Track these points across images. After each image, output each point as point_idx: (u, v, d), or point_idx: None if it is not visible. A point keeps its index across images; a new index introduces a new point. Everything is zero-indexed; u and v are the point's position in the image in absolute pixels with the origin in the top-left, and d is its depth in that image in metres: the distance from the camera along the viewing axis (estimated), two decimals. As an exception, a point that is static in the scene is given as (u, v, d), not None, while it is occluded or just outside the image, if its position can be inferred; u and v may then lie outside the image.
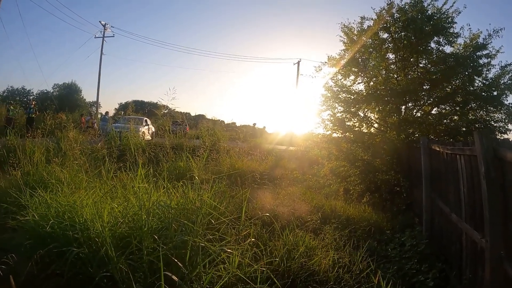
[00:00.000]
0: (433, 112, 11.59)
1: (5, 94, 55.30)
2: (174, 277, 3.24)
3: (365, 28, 12.10)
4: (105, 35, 45.65)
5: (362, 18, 12.12)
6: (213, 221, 4.48)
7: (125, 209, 4.56)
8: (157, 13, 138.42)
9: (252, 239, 4.38)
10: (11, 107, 24.89)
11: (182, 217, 4.42)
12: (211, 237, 4.21)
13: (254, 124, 33.42)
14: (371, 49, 11.97)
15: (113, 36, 47.26)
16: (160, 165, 8.80)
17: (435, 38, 11.26)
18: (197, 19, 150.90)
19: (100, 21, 46.33)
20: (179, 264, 3.58)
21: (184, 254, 3.82)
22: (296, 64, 48.84)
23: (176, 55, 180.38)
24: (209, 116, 50.65)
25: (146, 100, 76.59)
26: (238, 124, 47.13)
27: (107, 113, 30.65)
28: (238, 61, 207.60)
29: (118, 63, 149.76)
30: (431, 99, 11.49)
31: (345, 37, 12.61)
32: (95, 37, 46.18)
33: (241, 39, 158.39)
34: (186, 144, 12.28)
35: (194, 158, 8.82)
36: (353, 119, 12.24)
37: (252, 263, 4.00)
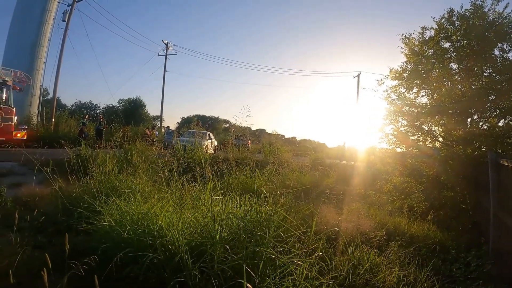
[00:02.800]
0: (500, 124, 11.05)
1: (73, 108, 58.16)
2: (249, 286, 3.35)
3: (426, 38, 11.89)
4: (167, 53, 47.57)
5: (423, 28, 11.96)
6: (282, 234, 4.59)
7: (198, 219, 4.77)
8: (216, 31, 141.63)
9: (320, 253, 4.44)
10: (85, 120, 26.42)
11: (252, 228, 4.56)
12: (280, 249, 4.31)
13: (314, 139, 33.38)
14: (433, 60, 11.71)
15: (175, 54, 49.03)
16: (224, 178, 9.03)
17: (499, 45, 10.87)
18: (256, 36, 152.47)
19: (162, 40, 48.10)
20: (252, 273, 3.71)
21: (254, 265, 3.94)
22: (356, 77, 48.06)
23: (236, 71, 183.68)
24: (269, 131, 50.86)
25: (207, 114, 78.59)
26: (298, 139, 47.04)
27: (168, 127, 31.77)
28: (297, 76, 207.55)
29: (180, 79, 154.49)
30: (498, 110, 10.97)
31: (406, 48, 12.42)
32: (158, 55, 48.38)
33: (300, 54, 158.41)
34: (249, 158, 12.48)
35: (258, 172, 8.98)
36: (417, 133, 12.00)
37: (319, 277, 4.06)
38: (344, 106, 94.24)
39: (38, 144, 9.45)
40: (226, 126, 77.32)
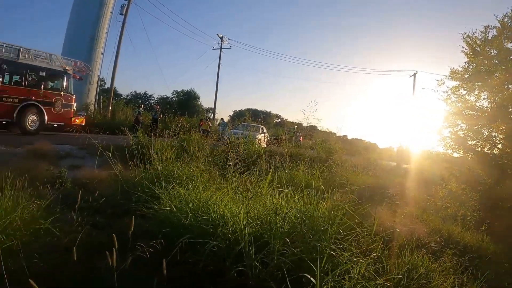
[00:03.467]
0: None
1: (128, 97, 59.69)
2: (313, 279, 3.34)
3: (489, 37, 11.40)
4: (222, 47, 48.05)
5: (486, 27, 11.45)
6: (341, 231, 4.54)
7: (258, 210, 4.80)
8: (271, 26, 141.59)
9: (377, 254, 4.37)
10: (140, 109, 27.31)
11: (313, 223, 4.55)
12: (340, 246, 4.26)
13: (365, 139, 32.82)
14: (496, 61, 11.25)
15: (230, 48, 49.48)
16: (277, 172, 9.03)
17: None
18: (310, 31, 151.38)
19: (217, 34, 48.71)
20: (314, 268, 3.68)
21: (313, 260, 3.90)
22: (412, 77, 46.72)
23: (288, 65, 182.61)
24: (319, 128, 50.43)
25: (259, 109, 78.68)
26: (349, 137, 46.41)
27: (222, 119, 32.21)
28: (350, 73, 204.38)
29: (234, 73, 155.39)
30: None
31: (468, 48, 11.97)
32: (213, 49, 49.04)
33: (355, 52, 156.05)
34: (302, 154, 12.44)
35: (314, 168, 8.91)
36: (475, 138, 11.59)
37: (376, 277, 4.00)
38: (398, 106, 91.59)
39: (100, 129, 9.71)
40: (278, 120, 77.24)
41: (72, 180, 7.68)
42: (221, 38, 48.29)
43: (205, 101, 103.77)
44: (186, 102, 58.99)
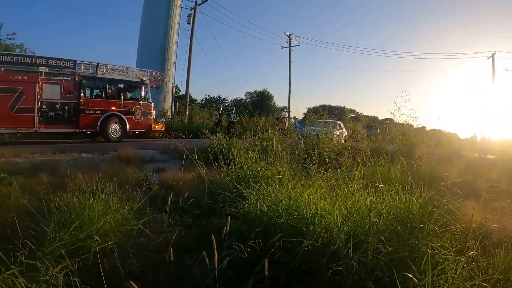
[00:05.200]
0: None
1: (203, 102, 61.22)
2: (415, 280, 3.18)
3: None
4: (291, 45, 47.99)
5: None
6: (436, 228, 4.30)
7: (349, 208, 4.66)
8: (338, 19, 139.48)
9: (474, 252, 4.08)
10: (220, 112, 28.04)
11: (411, 220, 4.36)
12: (436, 244, 4.04)
13: (445, 129, 31.15)
14: None
15: (299, 45, 49.46)
16: (359, 168, 8.78)
17: None
18: (374, 18, 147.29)
19: (285, 33, 48.89)
20: (413, 267, 3.52)
21: (411, 259, 3.72)
22: (490, 58, 44.30)
23: (358, 57, 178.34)
24: (396, 120, 48.78)
25: (333, 104, 77.68)
26: (427, 129, 44.57)
27: (295, 117, 32.18)
28: (421, 60, 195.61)
29: (304, 69, 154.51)
30: None
31: None
32: (282, 48, 49.20)
33: (426, 36, 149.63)
34: (382, 147, 12.06)
35: (393, 162, 8.60)
36: None
37: (474, 276, 3.73)
38: (476, 92, 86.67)
39: (179, 134, 9.98)
40: (353, 115, 75.81)
41: (158, 183, 7.93)
42: (289, 36, 48.37)
43: (279, 100, 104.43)
44: (260, 102, 59.64)
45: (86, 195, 4.72)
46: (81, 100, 17.96)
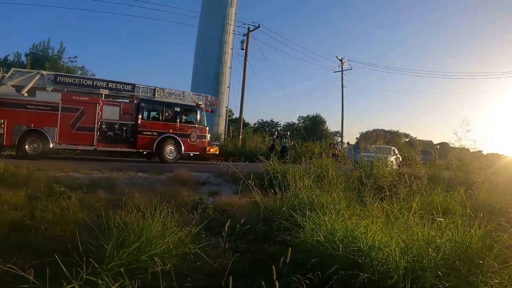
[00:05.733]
0: None
1: (256, 125, 61.52)
2: None
3: None
4: (343, 69, 47.80)
5: None
6: (495, 264, 4.10)
7: (405, 241, 4.52)
8: (385, 39, 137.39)
9: None
10: (275, 137, 28.16)
11: (469, 254, 4.18)
12: (496, 281, 3.84)
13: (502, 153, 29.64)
14: None
15: (351, 69, 49.11)
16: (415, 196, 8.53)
17: None
18: (427, 38, 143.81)
19: (337, 57, 48.76)
20: None
21: None
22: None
23: (411, 79, 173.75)
24: (451, 144, 47.01)
25: (386, 128, 76.18)
26: (484, 153, 42.79)
27: (348, 143, 31.82)
28: (474, 80, 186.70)
29: (357, 92, 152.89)
30: None
31: None
32: (334, 72, 48.98)
33: (477, 55, 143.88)
34: (438, 174, 11.68)
35: (449, 191, 8.30)
36: None
37: None
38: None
39: (233, 157, 10.08)
40: (407, 139, 73.86)
41: (213, 206, 8.04)
42: (341, 60, 48.23)
43: (332, 125, 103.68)
44: (313, 127, 59.30)
45: (144, 216, 4.83)
46: (139, 122, 18.91)
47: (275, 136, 30.18)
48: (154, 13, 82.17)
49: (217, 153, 21.05)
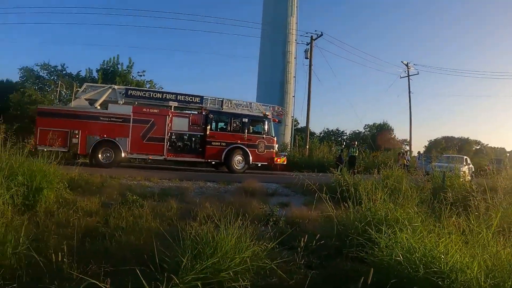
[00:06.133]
0: None
1: (321, 135, 60.77)
2: None
3: None
4: (409, 74, 46.21)
5: None
6: None
7: (486, 261, 4.19)
8: (453, 42, 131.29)
9: None
10: (343, 147, 27.65)
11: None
12: None
13: None
14: None
15: (417, 74, 47.25)
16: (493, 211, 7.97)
17: None
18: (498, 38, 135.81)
19: (402, 61, 46.94)
20: None
21: None
22: None
23: (481, 83, 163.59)
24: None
25: (455, 135, 72.69)
26: None
27: (419, 152, 30.75)
28: None
29: (424, 99, 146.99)
30: None
31: None
32: (400, 77, 47.30)
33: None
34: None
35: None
36: None
37: None
38: None
39: (300, 168, 9.90)
40: (477, 147, 70.29)
41: (284, 219, 7.91)
42: (407, 65, 46.52)
43: (400, 133, 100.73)
44: (380, 135, 57.61)
45: (218, 228, 4.82)
46: (208, 133, 19.45)
47: (343, 146, 29.67)
48: (217, 27, 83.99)
49: (285, 163, 21.27)
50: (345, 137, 61.27)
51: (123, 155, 18.32)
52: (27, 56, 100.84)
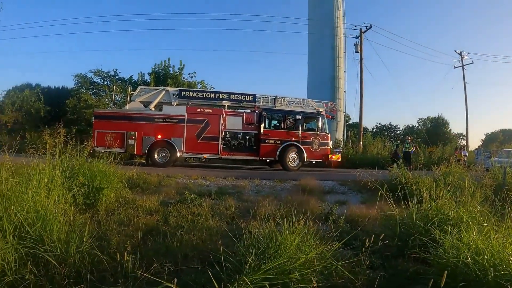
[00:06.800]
0: None
1: (374, 130, 59.44)
2: None
3: None
4: (463, 64, 44.35)
5: None
6: None
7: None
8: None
9: None
10: (398, 143, 26.97)
11: None
12: None
13: None
14: None
15: (472, 63, 45.21)
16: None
17: None
18: None
19: (455, 51, 45.05)
20: None
21: None
22: None
23: None
24: None
25: (514, 128, 69.05)
26: None
27: (479, 147, 29.51)
28: None
29: (479, 89, 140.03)
30: None
31: None
32: (454, 68, 45.46)
33: None
34: None
35: None
36: None
37: None
38: None
39: (354, 164, 9.69)
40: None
41: (344, 218, 7.76)
42: (460, 54, 44.66)
43: (455, 126, 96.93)
44: (434, 129, 55.56)
45: (280, 228, 4.74)
46: (262, 131, 19.49)
47: (398, 142, 28.88)
48: (264, 25, 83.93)
49: (339, 160, 21.05)
50: (398, 132, 59.65)
51: (178, 154, 18.82)
52: (80, 63, 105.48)
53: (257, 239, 4.47)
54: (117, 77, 35.24)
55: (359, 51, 34.36)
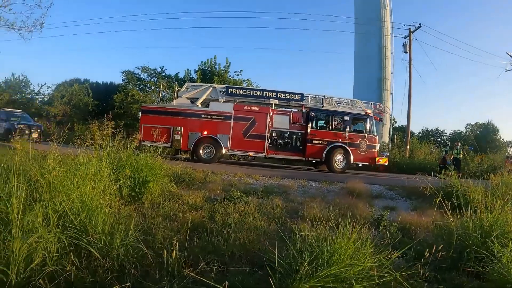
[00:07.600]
0: None
1: (420, 134, 58.02)
2: None
3: None
4: (515, 67, 42.37)
5: None
6: None
7: None
8: None
9: None
10: (447, 148, 26.22)
11: None
12: None
13: None
14: None
15: (525, 66, 43.14)
16: None
17: None
18: None
19: (507, 53, 42.99)
20: None
21: None
22: None
23: None
24: None
25: None
26: None
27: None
28: None
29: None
30: None
31: None
32: (506, 71, 43.47)
33: None
34: None
35: None
36: None
37: None
38: None
39: (400, 169, 9.44)
40: None
41: (394, 224, 7.48)
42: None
43: (506, 134, 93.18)
44: (484, 136, 53.79)
45: (333, 232, 4.58)
46: (309, 131, 19.39)
47: (447, 148, 27.91)
48: (309, 24, 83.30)
49: (386, 164, 20.59)
50: (445, 138, 58.11)
51: (223, 151, 19.03)
52: (128, 60, 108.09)
53: (311, 243, 4.28)
54: (163, 74, 36.21)
55: (408, 51, 33.11)
